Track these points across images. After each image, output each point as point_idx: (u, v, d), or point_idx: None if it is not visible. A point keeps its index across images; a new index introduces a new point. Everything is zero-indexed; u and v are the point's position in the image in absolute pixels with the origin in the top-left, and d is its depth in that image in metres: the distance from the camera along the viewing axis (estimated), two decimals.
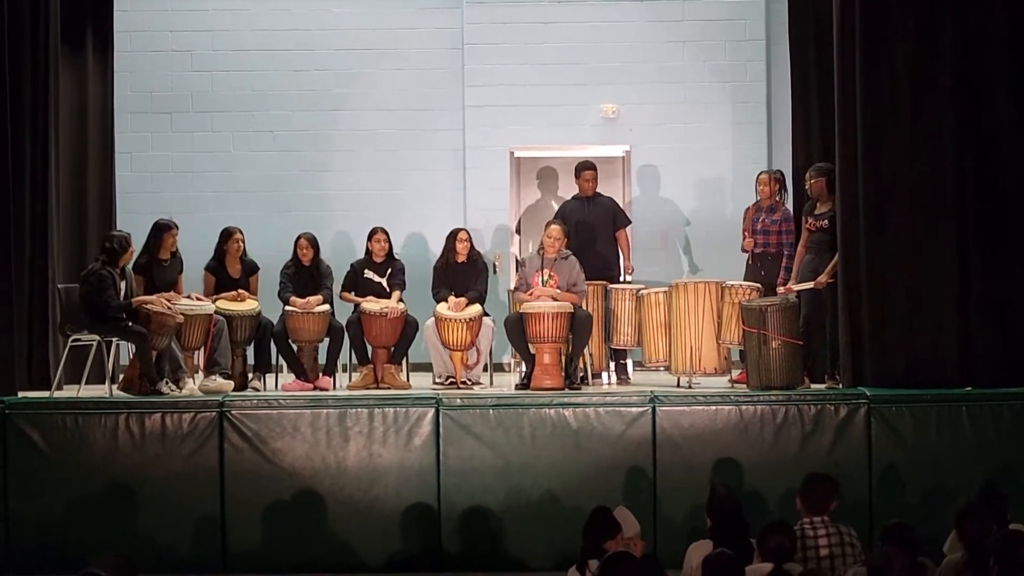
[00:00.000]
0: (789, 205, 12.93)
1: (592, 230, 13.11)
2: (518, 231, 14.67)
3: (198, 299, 12.06)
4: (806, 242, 12.05)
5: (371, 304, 12.37)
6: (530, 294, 12.06)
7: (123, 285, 11.65)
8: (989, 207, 11.18)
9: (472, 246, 12.80)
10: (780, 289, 12.17)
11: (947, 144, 11.16)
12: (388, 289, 12.59)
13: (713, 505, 8.16)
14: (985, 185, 11.19)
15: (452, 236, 12.74)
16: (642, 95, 15.27)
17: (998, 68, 11.21)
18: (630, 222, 13.28)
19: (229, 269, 12.52)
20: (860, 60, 11.23)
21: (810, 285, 11.79)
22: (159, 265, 12.15)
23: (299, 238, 12.69)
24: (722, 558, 6.61)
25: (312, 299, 12.31)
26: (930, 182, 11.15)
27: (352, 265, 12.77)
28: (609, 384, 12.60)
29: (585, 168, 13.29)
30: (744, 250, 12.76)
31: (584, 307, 12.08)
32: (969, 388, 11.06)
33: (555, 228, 12.28)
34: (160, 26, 15.37)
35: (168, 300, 11.67)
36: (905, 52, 11.19)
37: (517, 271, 12.33)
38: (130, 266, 11.90)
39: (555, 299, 11.95)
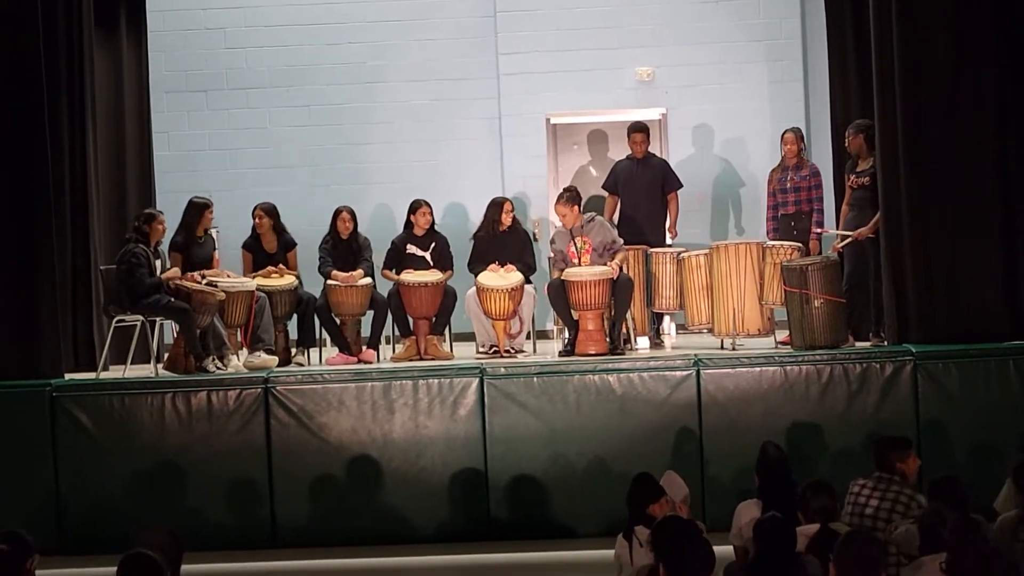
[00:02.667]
0: (825, 161, 12.84)
1: (641, 192, 13.07)
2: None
3: (228, 275, 12.09)
4: (849, 200, 11.99)
5: (409, 276, 12.36)
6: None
7: (158, 264, 11.69)
8: None
9: (514, 215, 12.80)
10: (813, 241, 12.13)
11: (988, 95, 11.05)
12: (431, 263, 12.56)
13: (763, 464, 8.15)
14: None
15: (497, 206, 12.69)
16: (677, 57, 15.19)
17: None
18: (681, 186, 13.20)
19: (265, 245, 12.55)
20: (896, 12, 11.11)
21: (850, 237, 11.72)
22: (195, 243, 12.19)
23: (339, 211, 12.68)
24: (775, 521, 6.58)
25: (355, 273, 12.32)
26: (971, 134, 11.04)
27: (393, 242, 12.73)
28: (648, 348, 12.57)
29: (634, 131, 13.27)
30: (782, 215, 12.60)
31: (625, 271, 12.05)
32: (1018, 341, 10.97)
33: (559, 206, 12.23)
34: (193, 4, 15.40)
35: (202, 276, 11.72)
36: (943, 2, 11.07)
37: (550, 247, 12.28)
38: (165, 244, 11.94)
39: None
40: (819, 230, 12.24)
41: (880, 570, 5.49)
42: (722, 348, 11.88)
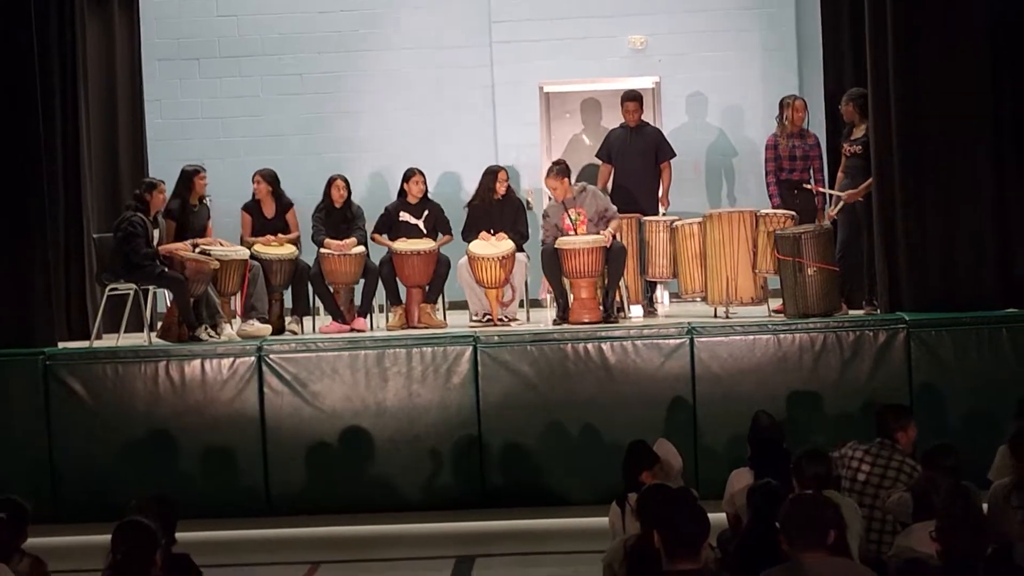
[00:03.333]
0: (818, 129, 12.82)
1: (634, 160, 13.05)
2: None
3: (221, 243, 12.09)
4: (843, 167, 11.99)
5: (402, 244, 12.35)
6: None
7: (156, 233, 11.68)
8: None
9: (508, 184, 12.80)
10: (819, 214, 12.14)
11: (982, 63, 11.04)
12: (425, 231, 12.56)
13: (755, 433, 8.17)
14: (1022, 103, 11.07)
15: (492, 175, 12.68)
16: (670, 25, 15.15)
17: None
18: (674, 155, 13.18)
19: (264, 209, 12.56)
20: None
21: (842, 200, 11.72)
22: (189, 210, 12.18)
23: (333, 179, 12.66)
24: (768, 488, 6.60)
25: (348, 241, 12.31)
26: (965, 102, 11.04)
27: (386, 208, 12.74)
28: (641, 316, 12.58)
29: (627, 99, 13.24)
30: (805, 188, 12.48)
31: (619, 239, 12.04)
32: (1011, 309, 10.98)
33: (549, 180, 12.20)
34: None
35: (195, 245, 11.72)
36: None
37: (543, 221, 12.25)
38: (162, 213, 11.94)
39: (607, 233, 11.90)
40: (814, 188, 12.21)
41: (828, 532, 5.49)
42: (715, 316, 11.88)
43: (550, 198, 12.45)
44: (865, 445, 7.97)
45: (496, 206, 12.61)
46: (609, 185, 13.11)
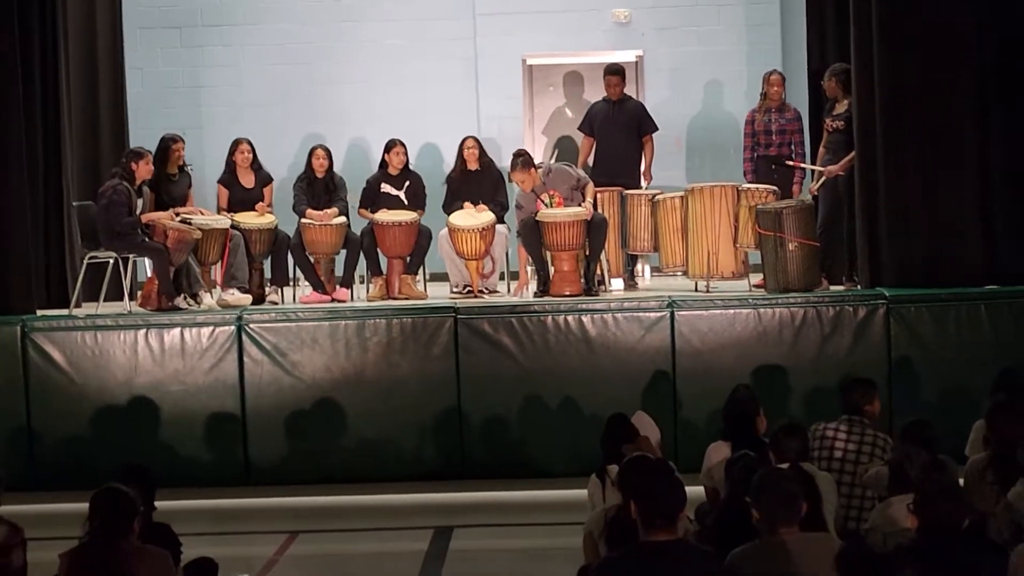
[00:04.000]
0: (801, 104, 12.82)
1: (616, 134, 13.03)
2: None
3: (202, 212, 12.06)
4: (825, 142, 12.01)
5: (384, 215, 12.34)
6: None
7: (140, 202, 11.65)
8: (1012, 99, 11.09)
9: (483, 152, 12.76)
10: (796, 187, 12.16)
11: (966, 38, 11.05)
12: (406, 202, 12.55)
13: (731, 405, 8.19)
14: (1007, 79, 11.10)
15: (461, 145, 12.73)
16: None
17: None
18: (656, 129, 13.14)
19: (242, 180, 12.51)
20: None
21: (823, 175, 11.75)
22: (168, 180, 12.15)
23: (315, 149, 12.63)
24: (746, 460, 6.62)
25: (329, 211, 12.29)
26: (949, 78, 11.06)
27: (368, 181, 12.72)
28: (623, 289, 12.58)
29: (609, 73, 13.19)
30: (786, 164, 12.50)
31: (600, 212, 12.03)
32: (991, 287, 11.02)
33: (516, 174, 12.07)
34: None
35: (176, 214, 11.70)
36: None
37: (517, 211, 12.19)
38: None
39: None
40: (795, 163, 12.22)
41: (799, 507, 5.55)
42: (696, 290, 11.90)
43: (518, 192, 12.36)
44: (835, 423, 8.01)
45: (475, 177, 12.61)
46: (591, 159, 13.09)
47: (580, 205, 11.91)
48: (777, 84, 12.57)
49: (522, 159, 12.11)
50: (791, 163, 12.28)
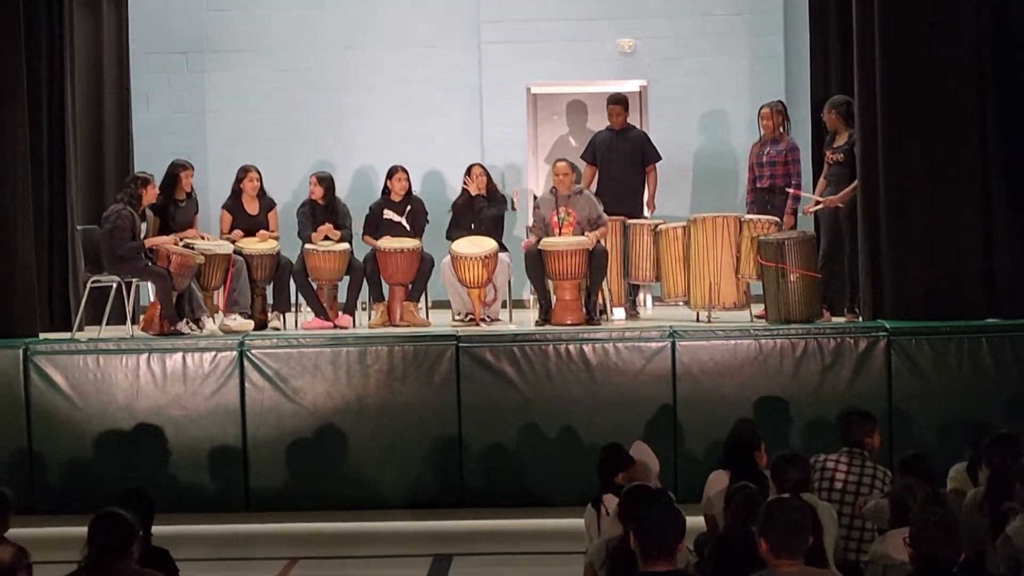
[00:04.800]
0: (804, 136, 12.85)
1: (619, 163, 13.09)
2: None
3: (204, 238, 12.10)
4: (826, 174, 12.04)
5: (386, 242, 12.38)
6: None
7: (144, 226, 11.68)
8: (1012, 134, 11.11)
9: (489, 179, 12.83)
10: (788, 216, 12.18)
11: (968, 71, 11.08)
12: (408, 227, 12.59)
13: (731, 438, 8.21)
14: (1007, 111, 11.11)
15: (467, 171, 12.83)
16: (658, 29, 15.18)
17: None
18: (660, 158, 13.20)
19: (247, 207, 12.55)
20: None
21: (821, 204, 11.78)
22: (175, 205, 12.20)
23: (311, 176, 12.72)
24: (747, 492, 6.62)
25: (323, 227, 12.32)
26: (951, 111, 11.07)
27: (371, 207, 12.77)
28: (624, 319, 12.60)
29: (612, 102, 13.27)
30: (758, 188, 12.58)
31: (602, 242, 12.06)
32: (993, 320, 11.03)
33: (562, 165, 12.27)
34: None
35: (179, 239, 11.74)
36: None
37: (533, 210, 12.30)
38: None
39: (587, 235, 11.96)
40: (793, 191, 12.26)
41: (806, 539, 5.54)
42: (698, 320, 11.91)
43: (551, 190, 12.38)
44: (835, 454, 8.02)
45: (480, 203, 12.67)
46: (593, 187, 13.13)
47: (584, 234, 11.95)
48: (767, 117, 12.60)
49: (570, 162, 12.33)
50: (789, 190, 12.29)
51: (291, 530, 10.52)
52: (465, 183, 12.79)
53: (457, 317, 12.41)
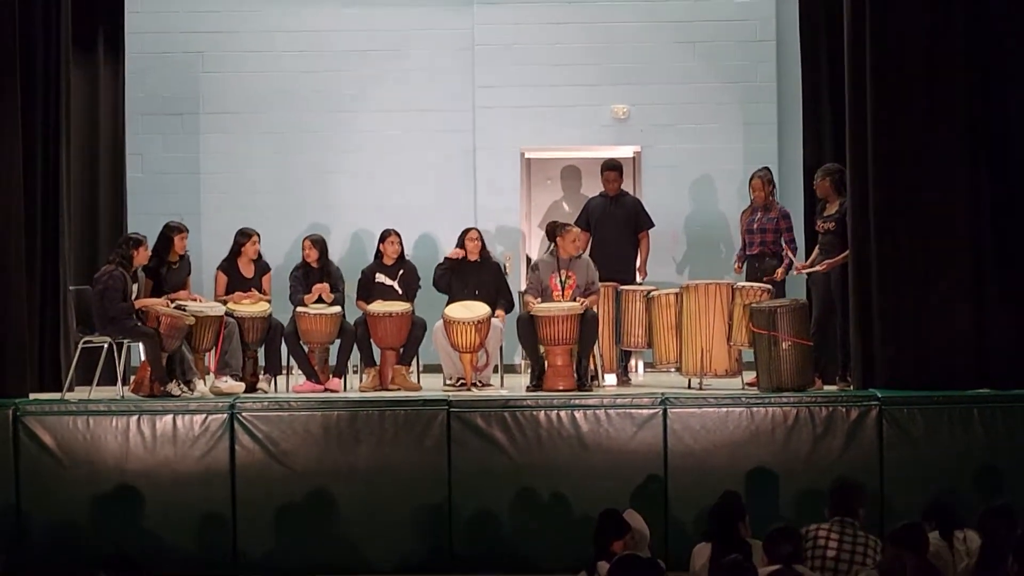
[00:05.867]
0: (797, 204, 12.89)
1: (612, 229, 13.14)
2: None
3: (197, 299, 12.11)
4: (818, 244, 12.06)
5: (377, 305, 12.38)
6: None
7: (136, 287, 11.69)
8: (1004, 204, 11.15)
9: (484, 246, 12.85)
10: (780, 271, 12.23)
11: (960, 141, 11.12)
12: (400, 291, 12.60)
13: (716, 509, 8.19)
14: (1000, 182, 11.16)
15: (463, 235, 12.84)
16: (652, 96, 15.27)
17: (1015, 65, 11.18)
18: (652, 225, 13.26)
19: (242, 270, 12.56)
20: (871, 59, 11.19)
21: (815, 269, 11.81)
22: (168, 267, 12.21)
23: (304, 240, 12.74)
24: (734, 563, 6.60)
25: (318, 286, 12.33)
26: (943, 181, 11.11)
27: (363, 272, 12.79)
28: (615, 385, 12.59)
29: (607, 168, 13.35)
30: (748, 255, 12.65)
31: (594, 308, 12.08)
32: (985, 389, 11.03)
33: (577, 231, 12.35)
34: (171, 28, 15.39)
35: (170, 301, 11.75)
36: (918, 50, 11.15)
37: (528, 273, 12.32)
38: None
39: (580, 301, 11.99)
40: (789, 253, 12.32)
41: None
42: (689, 387, 11.91)
43: (550, 252, 12.42)
44: (826, 524, 8.00)
45: (472, 267, 12.69)
46: (586, 253, 13.16)
47: (576, 300, 11.98)
48: (757, 188, 12.70)
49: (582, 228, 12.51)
50: (785, 257, 12.33)
51: None
52: (468, 248, 12.75)
53: (449, 382, 12.40)
